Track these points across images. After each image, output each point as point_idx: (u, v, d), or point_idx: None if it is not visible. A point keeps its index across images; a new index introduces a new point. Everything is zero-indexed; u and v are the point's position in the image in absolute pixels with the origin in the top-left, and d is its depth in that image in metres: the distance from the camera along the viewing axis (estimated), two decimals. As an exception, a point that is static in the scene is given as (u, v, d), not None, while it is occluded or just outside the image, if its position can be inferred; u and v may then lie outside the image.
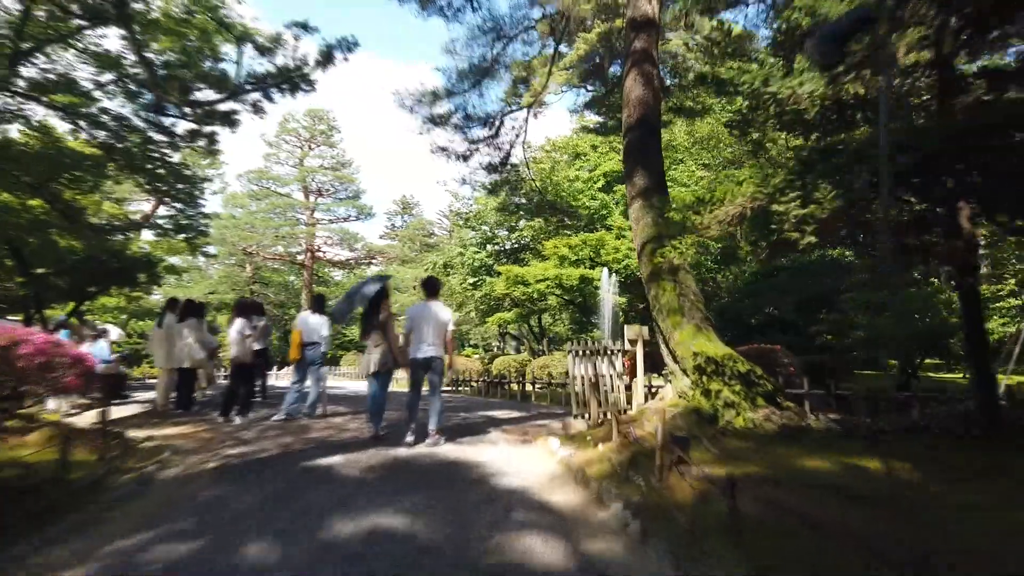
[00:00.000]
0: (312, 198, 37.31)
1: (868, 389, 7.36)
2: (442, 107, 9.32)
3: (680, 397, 5.96)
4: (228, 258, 36.27)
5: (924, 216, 4.80)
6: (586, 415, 6.72)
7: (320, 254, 36.56)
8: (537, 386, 13.41)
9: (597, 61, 11.23)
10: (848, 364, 9.56)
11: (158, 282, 20.11)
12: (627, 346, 6.86)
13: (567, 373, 17.49)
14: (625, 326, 6.99)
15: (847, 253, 13.39)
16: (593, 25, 17.61)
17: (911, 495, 3.45)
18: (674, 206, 4.99)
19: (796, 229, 4.38)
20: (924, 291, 8.96)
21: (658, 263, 5.33)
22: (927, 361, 10.92)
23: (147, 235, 25.14)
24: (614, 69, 17.94)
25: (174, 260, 36.90)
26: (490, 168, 10.51)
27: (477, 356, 31.45)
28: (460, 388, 15.13)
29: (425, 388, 6.09)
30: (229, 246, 34.60)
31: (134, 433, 6.86)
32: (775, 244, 4.85)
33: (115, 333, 23.89)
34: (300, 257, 36.16)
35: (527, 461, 5.35)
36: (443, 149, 10.12)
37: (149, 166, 11.97)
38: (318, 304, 7.99)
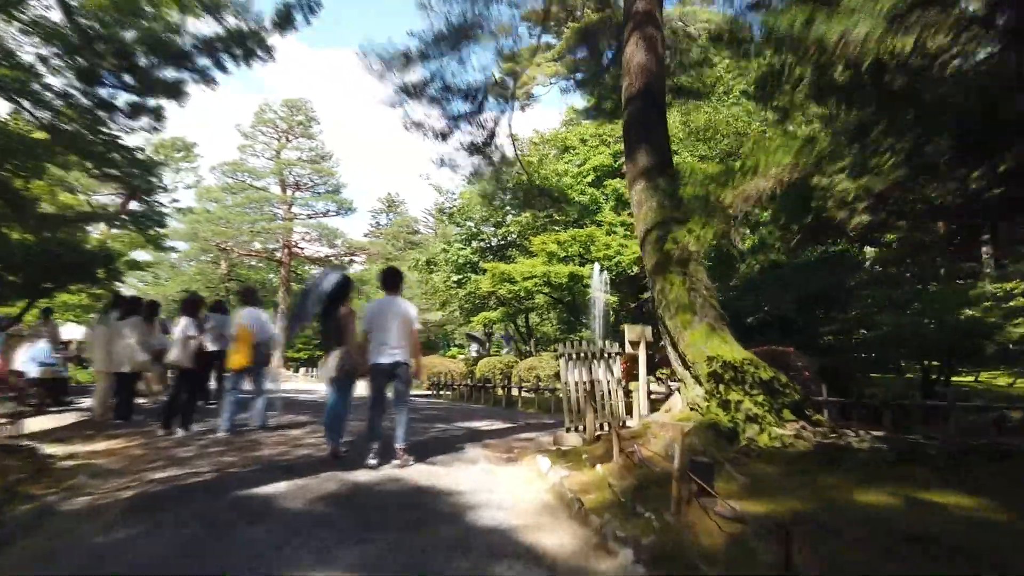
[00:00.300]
0: (289, 192, 35.89)
1: (894, 396, 6.61)
2: (416, 73, 8.31)
3: (692, 408, 5.14)
4: (202, 254, 34.83)
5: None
6: (580, 427, 5.87)
7: (298, 250, 35.21)
8: (524, 390, 12.55)
9: (591, 35, 10.34)
10: (861, 367, 8.85)
11: (119, 278, 18.90)
12: (627, 348, 6.03)
13: (558, 375, 16.68)
14: (626, 326, 6.17)
15: (851, 247, 12.69)
16: (583, 16, 16.68)
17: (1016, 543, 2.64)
18: (693, 179, 4.18)
19: (843, 207, 3.55)
20: (955, 286, 8.25)
21: (669, 250, 4.51)
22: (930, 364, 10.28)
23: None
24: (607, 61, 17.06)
25: (145, 256, 35.45)
26: (472, 149, 9.47)
27: (462, 357, 30.54)
28: (441, 392, 14.20)
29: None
30: (202, 241, 33.12)
31: (55, 449, 5.90)
32: (811, 227, 4.04)
33: (80, 333, 22.57)
34: (278, 254, 34.81)
35: (512, 486, 4.48)
36: (418, 125, 9.07)
37: (100, 149, 10.85)
38: (253, 298, 7.07)
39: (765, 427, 4.55)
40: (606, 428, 6.11)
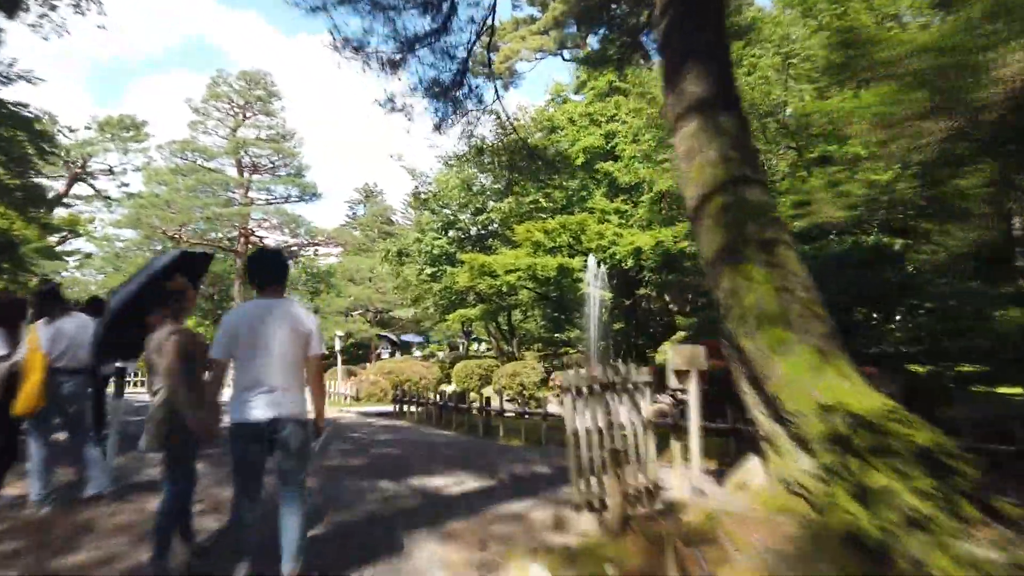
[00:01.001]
0: (247, 174, 32.71)
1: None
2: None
3: (790, 490, 3.11)
4: (149, 243, 31.60)
5: None
6: (596, 503, 3.81)
7: (256, 239, 32.20)
8: (506, 399, 10.47)
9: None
10: (933, 384, 7.00)
11: (24, 267, 16.28)
12: (672, 381, 3.98)
13: (544, 382, 14.58)
14: (669, 348, 4.15)
15: (884, 239, 10.85)
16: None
17: None
18: (890, 48, 1.78)
19: None
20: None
21: (751, 223, 2.44)
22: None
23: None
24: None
25: (90, 246, 32.32)
26: (436, 88, 6.96)
27: (439, 356, 28.40)
28: (406, 409, 12.01)
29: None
30: (146, 228, 29.92)
31: None
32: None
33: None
34: (236, 245, 31.78)
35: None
36: (355, 47, 6.39)
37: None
38: (56, 302, 4.35)
39: (942, 538, 2.54)
40: (631, 492, 4.07)
